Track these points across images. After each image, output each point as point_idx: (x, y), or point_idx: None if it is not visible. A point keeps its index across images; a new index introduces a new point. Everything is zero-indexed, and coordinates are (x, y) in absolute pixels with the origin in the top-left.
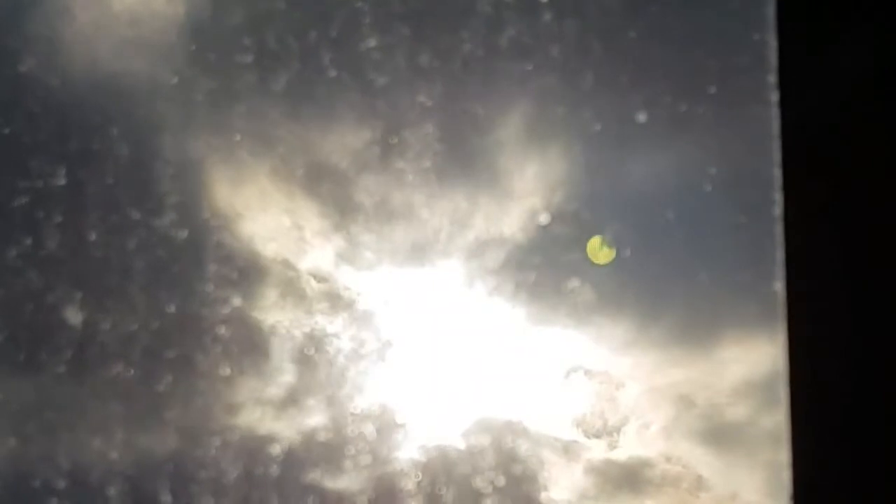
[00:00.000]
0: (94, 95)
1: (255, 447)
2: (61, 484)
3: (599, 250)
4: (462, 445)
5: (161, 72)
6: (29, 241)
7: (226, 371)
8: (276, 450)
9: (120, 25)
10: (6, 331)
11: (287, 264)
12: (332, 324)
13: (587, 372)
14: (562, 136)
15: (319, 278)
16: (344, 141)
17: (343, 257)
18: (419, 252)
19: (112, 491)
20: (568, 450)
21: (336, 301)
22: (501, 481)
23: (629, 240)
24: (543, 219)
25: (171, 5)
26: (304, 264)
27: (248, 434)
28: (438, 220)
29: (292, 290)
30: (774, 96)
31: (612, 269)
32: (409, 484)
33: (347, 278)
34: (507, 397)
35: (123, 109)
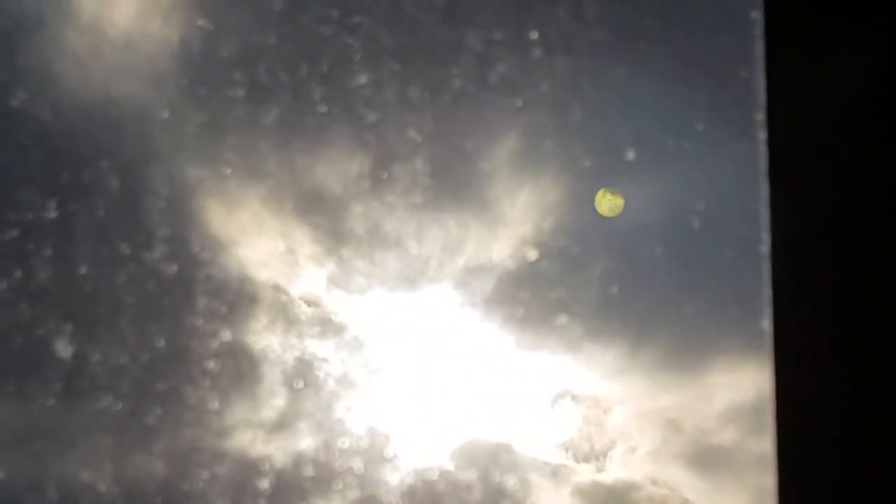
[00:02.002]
0: (85, 128)
1: (244, 472)
2: None
3: (606, 200)
4: (451, 467)
5: (153, 105)
6: (19, 274)
7: (214, 404)
8: (266, 473)
9: (112, 60)
10: None
11: (278, 289)
12: (322, 347)
13: (575, 397)
14: (550, 171)
15: (311, 303)
16: (335, 172)
17: (335, 282)
18: (410, 278)
19: None
20: (556, 473)
21: (327, 325)
22: (491, 501)
23: (618, 273)
24: (532, 255)
25: (162, 39)
26: (296, 289)
27: (238, 459)
28: (429, 247)
29: (283, 314)
30: (762, 134)
31: (601, 300)
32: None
33: (338, 303)
34: (497, 421)
35: (115, 142)
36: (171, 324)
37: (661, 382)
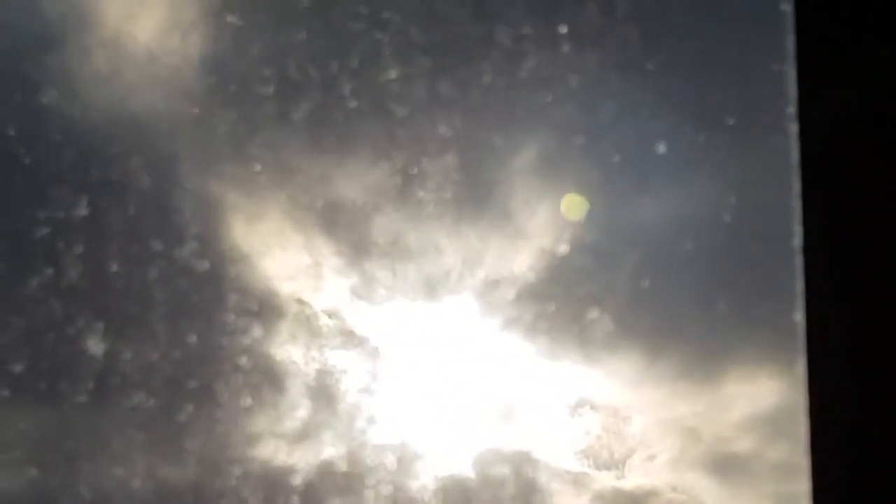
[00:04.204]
0: (115, 126)
1: (272, 478)
2: None
3: (573, 204)
4: (473, 475)
5: (181, 103)
6: (50, 272)
7: (245, 401)
8: (292, 481)
9: (141, 57)
10: (28, 360)
11: (301, 301)
12: (344, 358)
13: (595, 406)
14: (580, 166)
15: (333, 314)
16: (363, 172)
17: (357, 293)
18: (432, 288)
19: None
20: (576, 480)
21: (349, 336)
22: None
23: (646, 270)
24: (562, 249)
25: (191, 37)
26: (319, 301)
27: (265, 465)
28: (453, 256)
29: (306, 325)
30: (793, 127)
31: (626, 300)
32: None
33: (361, 314)
34: (517, 430)
35: (144, 140)
36: (202, 321)
37: (679, 392)
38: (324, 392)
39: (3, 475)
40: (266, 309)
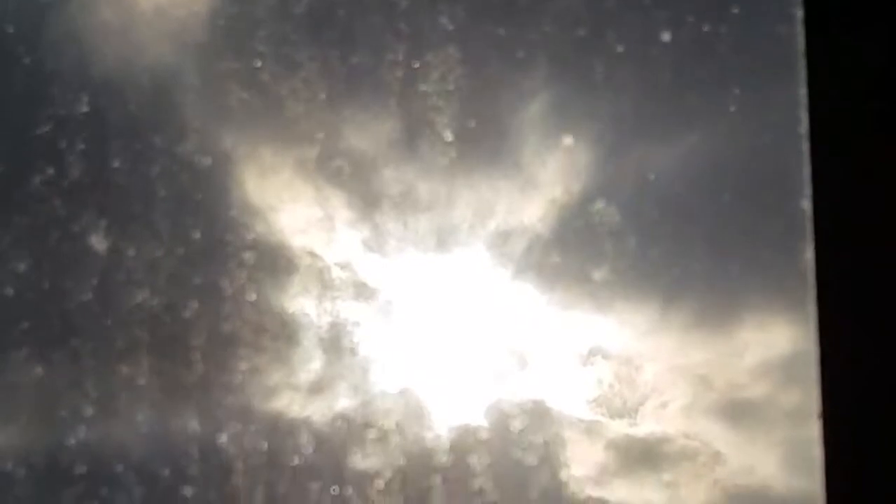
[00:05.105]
0: (117, 25)
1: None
2: (89, 411)
3: None
4: (486, 424)
5: (186, 5)
6: (52, 170)
7: (252, 296)
8: (305, 433)
9: None
10: (31, 259)
11: (313, 254)
12: (357, 310)
13: (607, 355)
14: (584, 60)
15: (345, 267)
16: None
17: (368, 246)
18: (443, 239)
19: (140, 416)
20: (589, 429)
21: (361, 288)
22: (525, 457)
23: (652, 229)
24: (567, 140)
25: None
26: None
27: (270, 362)
28: (464, 208)
29: (319, 278)
30: (799, 13)
31: (635, 250)
32: (436, 461)
33: (373, 266)
34: (530, 379)
35: (147, 40)
36: (206, 216)
37: (692, 340)
38: (337, 344)
39: (9, 373)
40: (274, 257)
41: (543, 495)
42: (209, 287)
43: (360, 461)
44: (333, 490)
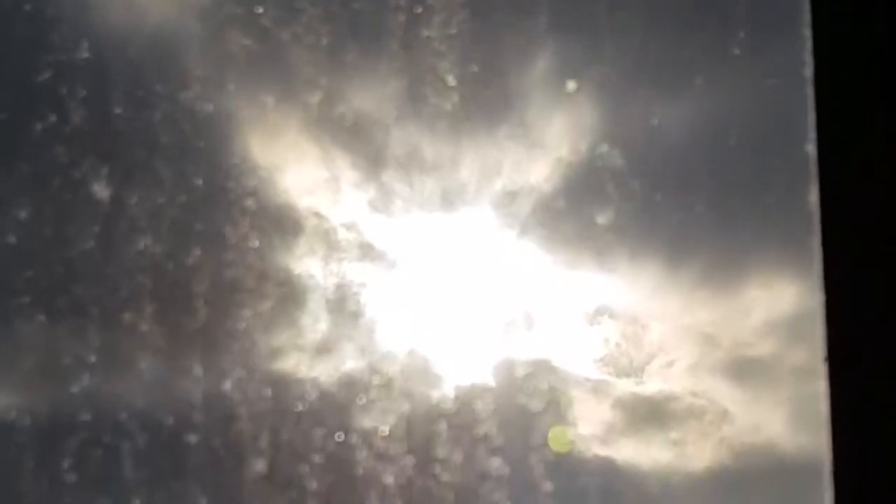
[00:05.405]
0: None
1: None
2: (92, 358)
3: (558, 437)
4: (493, 384)
5: None
6: (54, 117)
7: (255, 242)
8: (312, 393)
9: None
10: (33, 206)
11: (319, 215)
12: (363, 271)
13: (613, 314)
14: (590, 9)
15: (351, 228)
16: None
17: (374, 206)
18: (449, 200)
19: (143, 364)
20: (596, 388)
21: (367, 249)
22: (531, 416)
23: (659, 186)
24: (570, 85)
25: None
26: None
27: (275, 309)
28: (469, 167)
29: (325, 239)
30: (808, 42)
31: (643, 205)
32: (443, 419)
33: (379, 227)
34: (536, 339)
35: None
36: (208, 164)
37: (698, 299)
38: (343, 305)
39: (12, 321)
40: (279, 218)
41: (549, 453)
42: (212, 234)
43: (365, 415)
44: (338, 436)
